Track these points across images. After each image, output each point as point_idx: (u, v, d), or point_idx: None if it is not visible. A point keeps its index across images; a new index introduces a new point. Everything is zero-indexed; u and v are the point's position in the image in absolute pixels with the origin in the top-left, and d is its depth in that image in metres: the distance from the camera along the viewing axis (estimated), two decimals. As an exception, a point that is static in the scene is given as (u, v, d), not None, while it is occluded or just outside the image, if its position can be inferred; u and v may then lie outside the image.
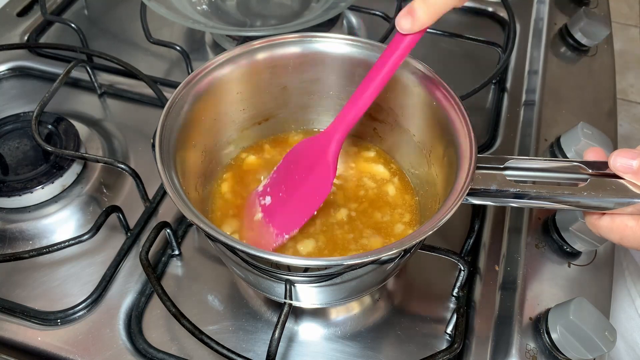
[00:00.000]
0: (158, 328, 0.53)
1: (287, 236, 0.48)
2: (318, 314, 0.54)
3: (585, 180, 0.41)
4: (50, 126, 0.64)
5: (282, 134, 0.58)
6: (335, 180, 0.54)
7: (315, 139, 0.49)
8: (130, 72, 0.71)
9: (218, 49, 0.80)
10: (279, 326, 0.45)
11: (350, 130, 0.47)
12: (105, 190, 0.62)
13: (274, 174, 0.51)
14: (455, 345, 0.49)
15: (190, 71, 0.74)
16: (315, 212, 0.48)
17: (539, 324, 0.51)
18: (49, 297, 0.54)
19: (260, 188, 0.51)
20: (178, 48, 0.73)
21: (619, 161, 0.40)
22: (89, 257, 0.57)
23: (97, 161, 0.59)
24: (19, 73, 0.77)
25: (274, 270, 0.42)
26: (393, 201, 0.53)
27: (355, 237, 0.50)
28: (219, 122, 0.52)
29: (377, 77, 0.43)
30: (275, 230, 0.48)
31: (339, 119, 0.47)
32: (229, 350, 0.45)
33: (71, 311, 0.53)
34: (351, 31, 0.84)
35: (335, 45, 0.51)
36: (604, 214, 0.43)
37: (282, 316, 0.45)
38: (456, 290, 0.55)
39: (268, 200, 0.50)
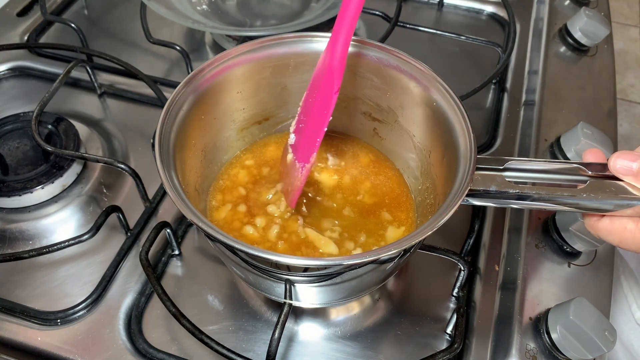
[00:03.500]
0: (158, 328, 0.53)
1: (307, 165, 0.45)
2: (318, 314, 0.54)
3: (585, 182, 0.41)
4: (50, 126, 0.64)
5: (282, 133, 0.58)
6: (333, 175, 0.54)
7: (324, 52, 0.45)
8: (130, 72, 0.71)
9: (218, 49, 0.80)
10: (279, 326, 0.45)
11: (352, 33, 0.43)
12: (105, 190, 0.62)
13: (299, 110, 0.48)
14: (455, 345, 0.49)
15: (190, 71, 0.74)
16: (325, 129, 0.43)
17: (539, 324, 0.51)
18: (49, 297, 0.54)
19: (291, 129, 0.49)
20: (178, 48, 0.73)
21: (619, 163, 0.40)
22: (89, 257, 0.57)
23: (97, 161, 0.59)
24: (19, 73, 0.77)
25: (273, 270, 0.42)
26: (391, 202, 0.53)
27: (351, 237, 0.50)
28: (219, 121, 0.52)
29: None
30: (299, 165, 0.46)
31: (338, 22, 0.43)
32: (229, 350, 0.45)
33: (71, 311, 0.53)
34: (351, 31, 0.84)
35: (335, 45, 0.51)
36: (603, 216, 0.43)
37: (282, 316, 0.45)
38: (456, 290, 0.55)
39: (293, 138, 0.47)
